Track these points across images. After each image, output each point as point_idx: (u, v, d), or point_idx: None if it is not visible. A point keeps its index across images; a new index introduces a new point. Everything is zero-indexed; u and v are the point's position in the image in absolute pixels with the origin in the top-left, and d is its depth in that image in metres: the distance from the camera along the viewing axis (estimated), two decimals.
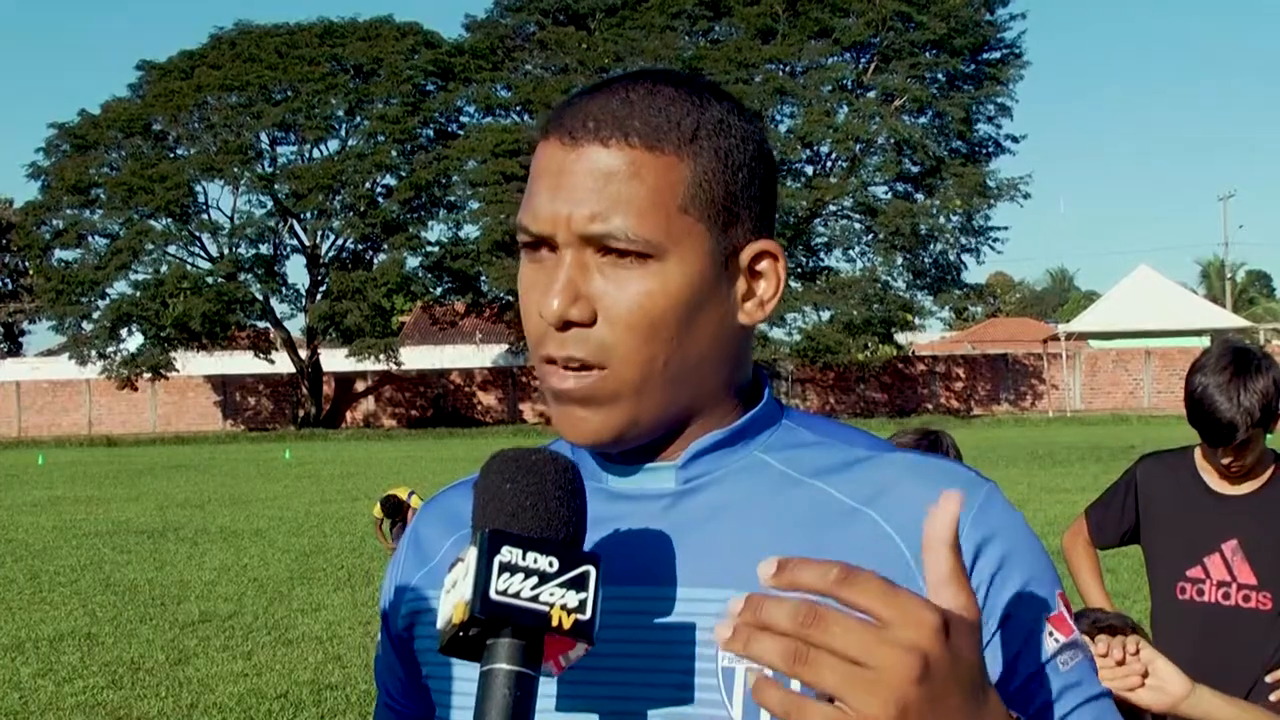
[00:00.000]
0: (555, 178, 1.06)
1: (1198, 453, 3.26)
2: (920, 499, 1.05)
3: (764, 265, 1.12)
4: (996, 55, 45.24)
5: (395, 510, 11.43)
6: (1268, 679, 3.12)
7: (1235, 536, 3.17)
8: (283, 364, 45.74)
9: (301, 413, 45.01)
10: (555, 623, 0.93)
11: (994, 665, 1.04)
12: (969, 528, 1.05)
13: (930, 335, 58.93)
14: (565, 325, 1.06)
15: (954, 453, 3.29)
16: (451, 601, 0.95)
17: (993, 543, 1.05)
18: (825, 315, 43.30)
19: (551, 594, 0.93)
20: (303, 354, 45.27)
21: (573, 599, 0.94)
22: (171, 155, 45.56)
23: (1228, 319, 43.32)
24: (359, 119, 46.34)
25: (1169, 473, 3.32)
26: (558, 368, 1.08)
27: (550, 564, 0.94)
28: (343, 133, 46.99)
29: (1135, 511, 3.37)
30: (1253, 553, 3.15)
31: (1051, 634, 1.05)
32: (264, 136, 46.23)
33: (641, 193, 1.04)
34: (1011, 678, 1.04)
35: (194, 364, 46.19)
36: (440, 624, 0.97)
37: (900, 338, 45.07)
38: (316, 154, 46.78)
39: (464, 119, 47.48)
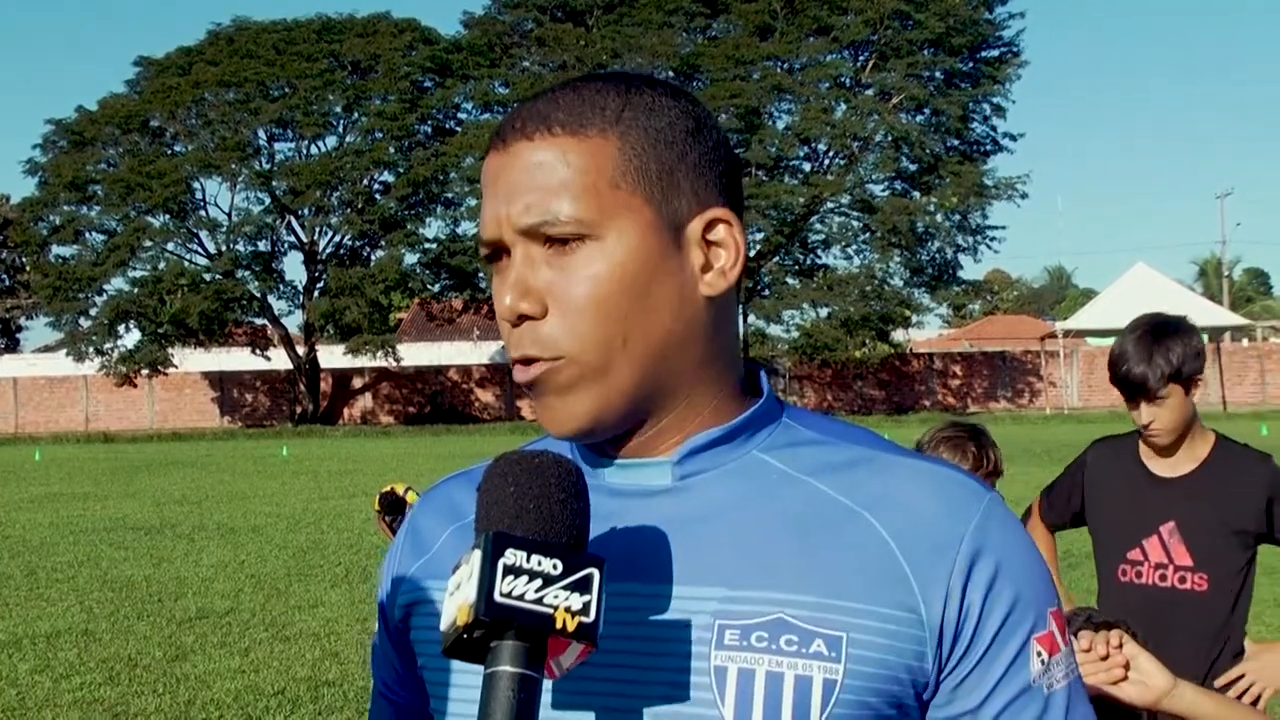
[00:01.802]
0: (493, 184, 1.09)
1: (1141, 437, 3.32)
2: (921, 506, 1.06)
3: (719, 234, 1.11)
4: (994, 54, 45.25)
5: (394, 508, 11.41)
6: (1216, 684, 3.14)
7: (1173, 518, 3.22)
8: (280, 361, 45.72)
9: (299, 409, 45.00)
10: (559, 625, 0.93)
11: (983, 683, 1.05)
12: (967, 540, 1.05)
13: (928, 332, 58.97)
14: (519, 320, 1.07)
15: (993, 450, 3.30)
16: (455, 604, 0.95)
17: (988, 557, 1.05)
18: (823, 312, 43.31)
19: (555, 596, 0.94)
20: (300, 351, 45.25)
21: (576, 601, 0.94)
22: (169, 152, 45.49)
23: (1225, 316, 43.34)
24: (357, 115, 46.29)
25: (1114, 456, 3.38)
26: (521, 365, 1.09)
27: (554, 566, 0.94)
28: (340, 129, 46.98)
29: (1081, 493, 3.42)
30: (1189, 534, 3.20)
31: (1039, 654, 1.06)
32: (261, 133, 46.18)
33: (569, 176, 1.05)
34: (996, 697, 1.05)
35: (191, 361, 46.16)
36: (444, 626, 0.97)
37: (898, 335, 45.06)
38: (314, 151, 46.75)
39: (462, 115, 47.47)
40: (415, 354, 48.80)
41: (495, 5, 47.00)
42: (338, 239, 47.01)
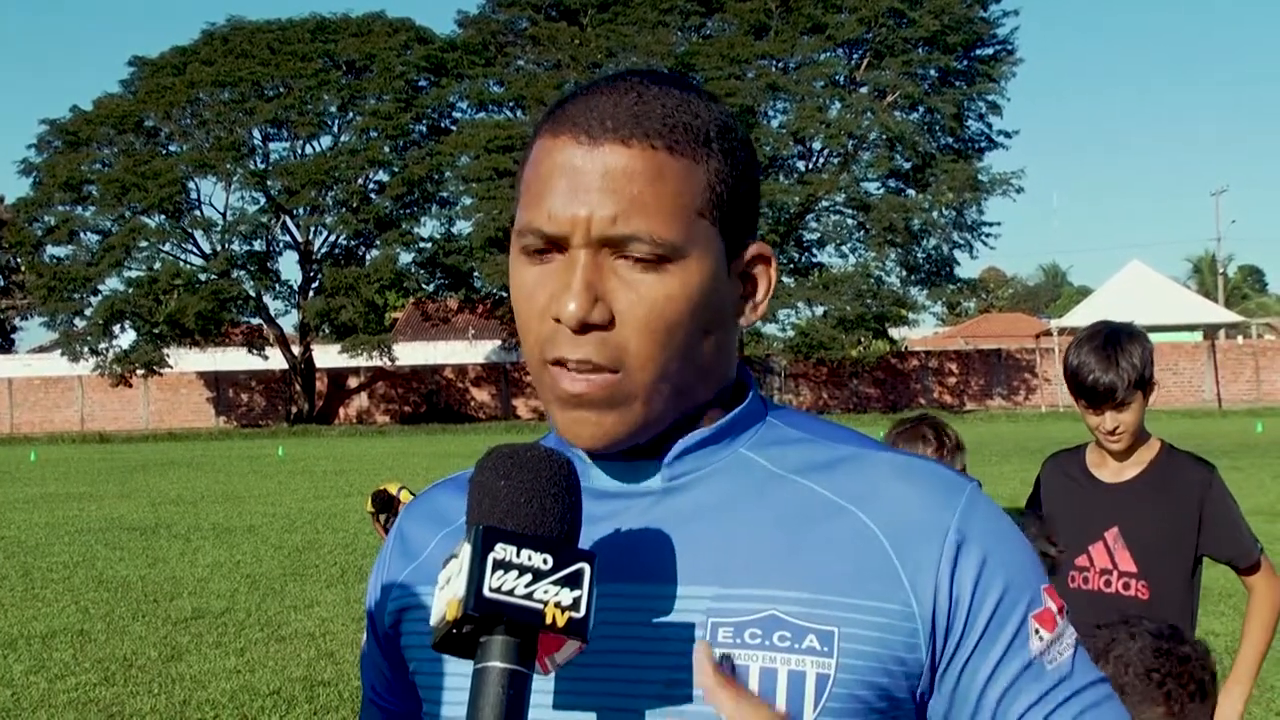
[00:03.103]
0: (573, 178, 1.04)
1: (1090, 447, 3.39)
2: (906, 498, 1.07)
3: (758, 268, 1.13)
4: (989, 51, 45.26)
5: (386, 506, 11.43)
6: None
7: (1117, 524, 3.26)
8: (275, 361, 45.69)
9: (294, 409, 44.97)
10: (549, 620, 0.93)
11: (982, 669, 1.05)
12: (952, 530, 1.06)
13: (923, 330, 58.99)
14: (585, 328, 1.04)
15: (948, 430, 3.39)
16: (445, 599, 0.95)
17: (974, 546, 1.06)
18: (819, 311, 43.31)
19: (546, 591, 0.93)
20: (295, 350, 45.21)
21: (567, 596, 0.93)
22: (164, 152, 45.45)
23: (1220, 314, 43.34)
24: (351, 115, 46.29)
25: (1063, 468, 3.46)
26: (567, 370, 1.06)
27: (545, 561, 0.94)
28: (335, 129, 46.97)
29: (1040, 507, 3.46)
30: (1132, 540, 3.24)
31: (1037, 631, 1.07)
32: (256, 132, 46.17)
33: (664, 195, 1.04)
34: (999, 680, 1.05)
35: (187, 360, 46.13)
36: (433, 621, 0.97)
37: (893, 333, 45.11)
38: (309, 150, 46.75)
39: (457, 115, 47.51)
40: (411, 353, 48.77)
41: (490, 4, 46.95)
42: (333, 238, 47.00)
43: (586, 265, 1.04)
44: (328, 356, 46.52)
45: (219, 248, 45.15)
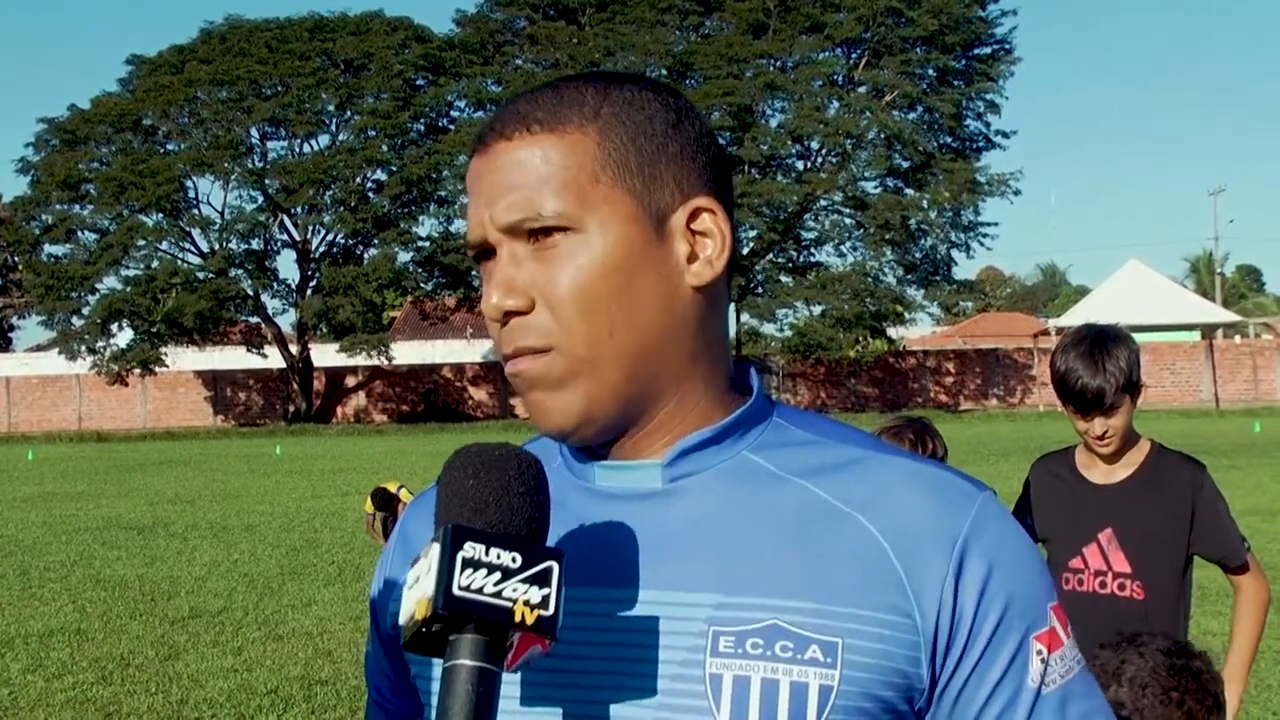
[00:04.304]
0: (475, 186, 1.10)
1: (1079, 449, 3.39)
2: (914, 507, 1.05)
3: (704, 223, 1.09)
4: (987, 51, 45.26)
5: (386, 504, 11.46)
6: None
7: (1110, 525, 3.25)
8: (273, 359, 45.66)
9: (292, 408, 44.94)
10: (518, 619, 0.93)
11: (981, 687, 1.03)
12: (960, 542, 1.03)
13: (921, 330, 58.95)
14: (506, 318, 1.07)
15: (934, 439, 3.41)
16: (414, 598, 0.95)
17: (980, 559, 1.04)
18: (816, 310, 43.30)
19: (514, 590, 0.94)
20: (293, 349, 45.17)
21: (536, 595, 0.94)
22: (162, 150, 45.39)
23: (1217, 313, 43.32)
24: (349, 114, 46.24)
25: (1054, 470, 3.44)
26: (511, 362, 1.09)
27: (513, 560, 0.94)
28: (333, 127, 46.92)
29: (1028, 513, 3.45)
30: (1126, 541, 3.23)
31: (1039, 652, 1.05)
32: (254, 131, 46.10)
33: (548, 171, 1.06)
34: (994, 702, 1.04)
35: (184, 359, 46.09)
36: (403, 620, 0.97)
37: (891, 332, 45.08)
38: (307, 149, 46.71)
39: (455, 114, 47.50)
40: (408, 352, 48.76)
41: (488, 3, 46.94)
42: (331, 237, 46.98)
43: (502, 260, 1.07)
44: (326, 355, 46.48)
45: (217, 246, 45.11)
